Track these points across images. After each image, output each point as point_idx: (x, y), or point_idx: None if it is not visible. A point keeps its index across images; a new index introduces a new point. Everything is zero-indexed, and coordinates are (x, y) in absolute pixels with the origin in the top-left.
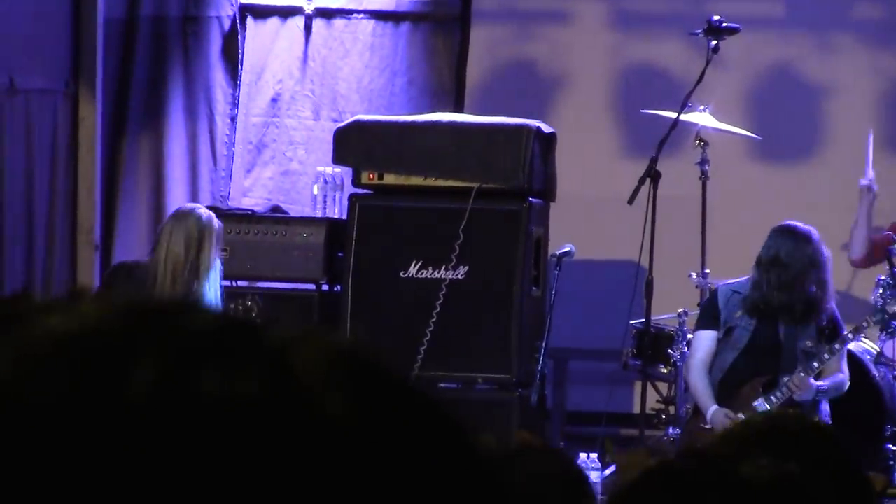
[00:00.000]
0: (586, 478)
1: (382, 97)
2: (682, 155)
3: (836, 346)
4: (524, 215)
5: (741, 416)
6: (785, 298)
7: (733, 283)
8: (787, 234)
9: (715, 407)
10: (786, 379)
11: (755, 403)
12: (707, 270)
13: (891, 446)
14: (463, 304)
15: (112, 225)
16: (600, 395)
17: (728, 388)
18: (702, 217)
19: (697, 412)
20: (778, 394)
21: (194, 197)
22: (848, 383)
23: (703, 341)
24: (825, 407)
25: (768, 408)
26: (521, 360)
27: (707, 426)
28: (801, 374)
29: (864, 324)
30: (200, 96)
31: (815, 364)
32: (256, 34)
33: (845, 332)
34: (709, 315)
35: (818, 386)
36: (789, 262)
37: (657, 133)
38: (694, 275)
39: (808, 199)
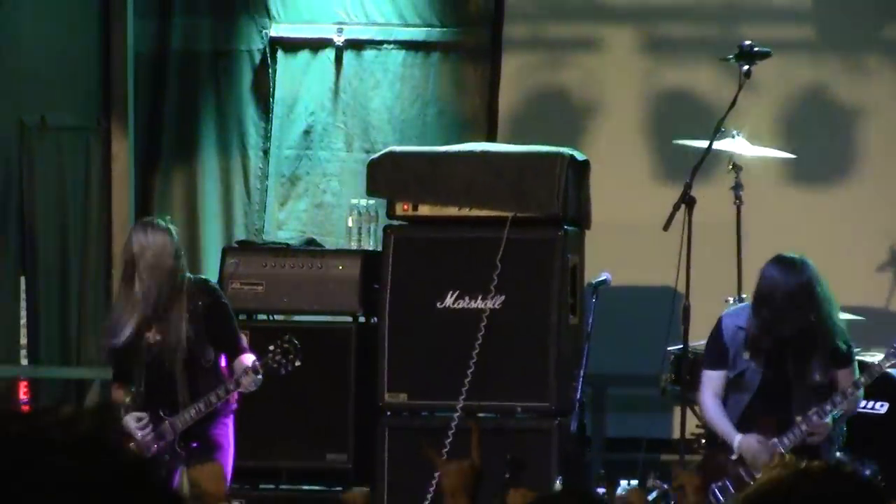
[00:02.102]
0: None
1: (414, 127)
2: (717, 180)
3: (850, 390)
4: (560, 243)
5: (774, 440)
6: (780, 332)
7: (736, 314)
8: (774, 266)
9: (741, 435)
10: (799, 419)
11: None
12: (744, 295)
13: None
14: (500, 333)
15: None
16: (640, 422)
17: (744, 430)
18: (737, 241)
19: (718, 447)
20: (791, 435)
21: (228, 231)
22: (862, 393)
23: (713, 380)
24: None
25: (781, 449)
26: (560, 388)
27: (734, 457)
28: (815, 417)
29: (878, 367)
30: (233, 130)
31: (828, 408)
32: (287, 67)
33: (857, 378)
34: (716, 354)
35: (833, 415)
36: (779, 295)
37: (691, 158)
38: (731, 299)
39: (843, 221)
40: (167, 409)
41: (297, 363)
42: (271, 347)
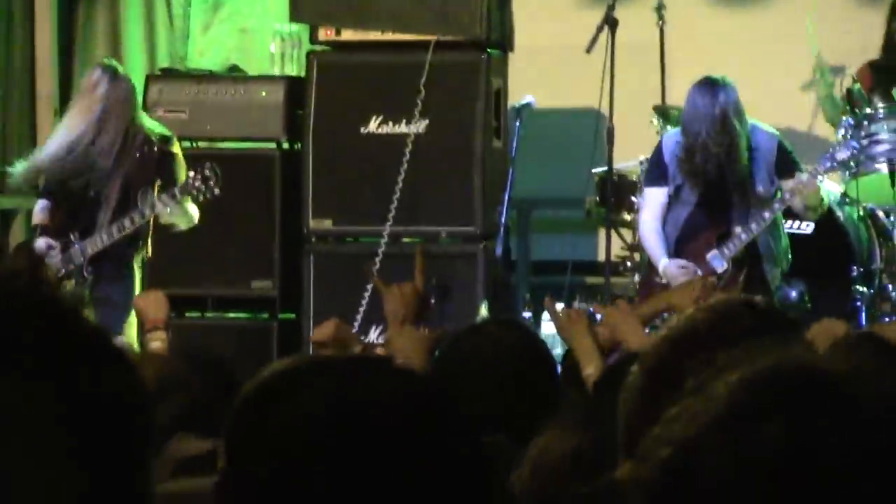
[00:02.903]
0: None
1: None
2: (639, 1)
3: (788, 195)
4: (483, 67)
5: (714, 252)
6: (711, 154)
7: (676, 132)
8: (698, 88)
9: (666, 259)
10: (738, 229)
11: (708, 256)
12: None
13: (858, 287)
14: (425, 158)
15: (69, 92)
16: (565, 244)
17: (685, 243)
18: (661, 62)
19: (653, 266)
20: (731, 245)
21: (152, 59)
22: (820, 184)
23: (652, 198)
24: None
25: (722, 260)
26: (485, 212)
27: (661, 280)
28: (754, 225)
29: (814, 173)
30: None
31: (767, 215)
32: None
33: (798, 178)
34: (655, 171)
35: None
36: (705, 116)
37: None
38: (655, 121)
39: (766, 40)
40: (82, 234)
41: (217, 191)
42: (191, 174)
